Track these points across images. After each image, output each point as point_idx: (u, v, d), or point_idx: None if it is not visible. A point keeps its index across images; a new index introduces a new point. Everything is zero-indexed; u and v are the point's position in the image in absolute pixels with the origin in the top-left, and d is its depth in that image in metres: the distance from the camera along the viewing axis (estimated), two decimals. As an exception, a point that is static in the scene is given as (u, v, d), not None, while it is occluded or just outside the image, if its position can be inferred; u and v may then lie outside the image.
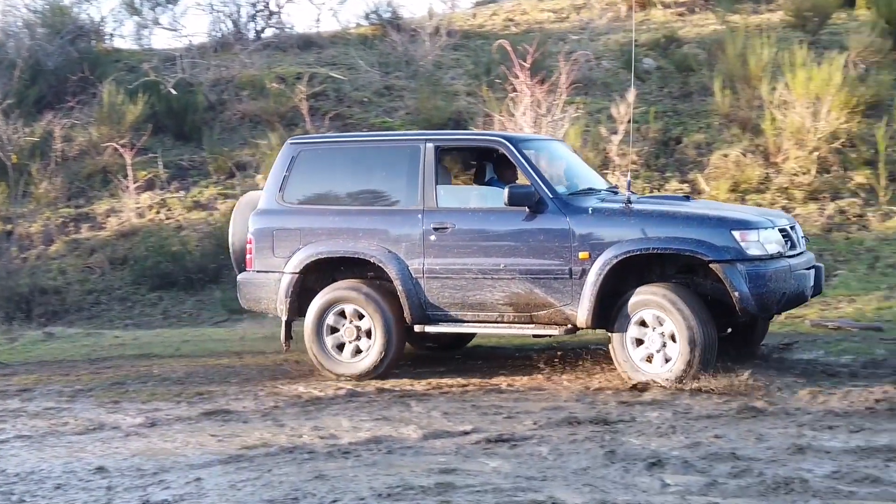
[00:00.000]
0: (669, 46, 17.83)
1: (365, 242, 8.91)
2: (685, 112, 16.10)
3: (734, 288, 7.88)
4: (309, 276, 9.16)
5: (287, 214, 9.27)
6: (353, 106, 17.50)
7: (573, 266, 8.30)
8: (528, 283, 8.44)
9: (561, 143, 10.49)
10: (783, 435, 6.66)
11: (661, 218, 8.25)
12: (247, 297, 9.49)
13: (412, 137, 9.51)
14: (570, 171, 9.37)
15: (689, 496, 5.47)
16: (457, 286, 8.66)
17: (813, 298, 8.98)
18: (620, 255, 8.15)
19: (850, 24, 17.51)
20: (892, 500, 5.23)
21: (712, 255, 7.97)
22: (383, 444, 6.77)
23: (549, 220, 8.42)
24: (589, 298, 8.22)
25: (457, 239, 8.68)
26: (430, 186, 8.82)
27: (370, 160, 9.33)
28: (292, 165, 9.36)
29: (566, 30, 19.50)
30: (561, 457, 6.35)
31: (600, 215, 8.37)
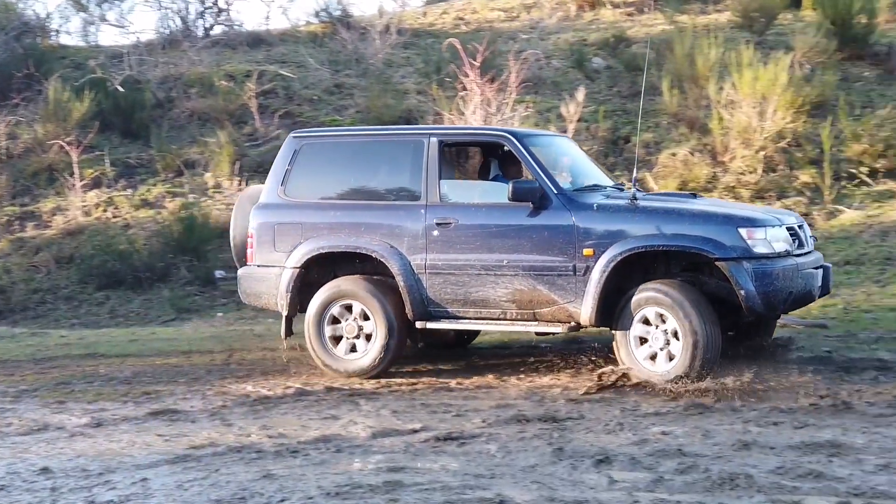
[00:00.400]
0: (618, 46, 17.94)
1: (367, 237, 8.81)
2: (634, 111, 16.20)
3: (740, 286, 7.76)
4: (310, 271, 9.03)
5: (289, 209, 9.15)
6: (302, 104, 17.43)
7: (577, 263, 8.18)
8: (531, 279, 8.32)
9: (567, 139, 10.34)
10: (729, 431, 6.72)
11: (667, 215, 8.13)
12: (247, 291, 9.38)
13: (416, 131, 9.49)
14: (575, 168, 9.24)
15: (635, 492, 5.50)
16: (459, 282, 8.54)
17: (820, 299, 8.80)
18: (625, 252, 8.03)
19: (795, 25, 17.72)
20: (834, 495, 5.30)
21: (718, 252, 7.85)
22: (332, 443, 6.75)
23: (554, 216, 8.30)
24: (593, 296, 8.09)
25: (460, 234, 8.56)
26: (434, 181, 8.70)
27: (373, 154, 9.23)
28: (294, 159, 9.24)
29: (516, 29, 19.56)
30: (509, 454, 6.37)
31: (605, 212, 8.25)
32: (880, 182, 13.82)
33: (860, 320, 10.26)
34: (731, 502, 5.26)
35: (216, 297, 13.54)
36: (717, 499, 5.33)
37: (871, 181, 13.81)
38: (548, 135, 10.33)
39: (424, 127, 10.93)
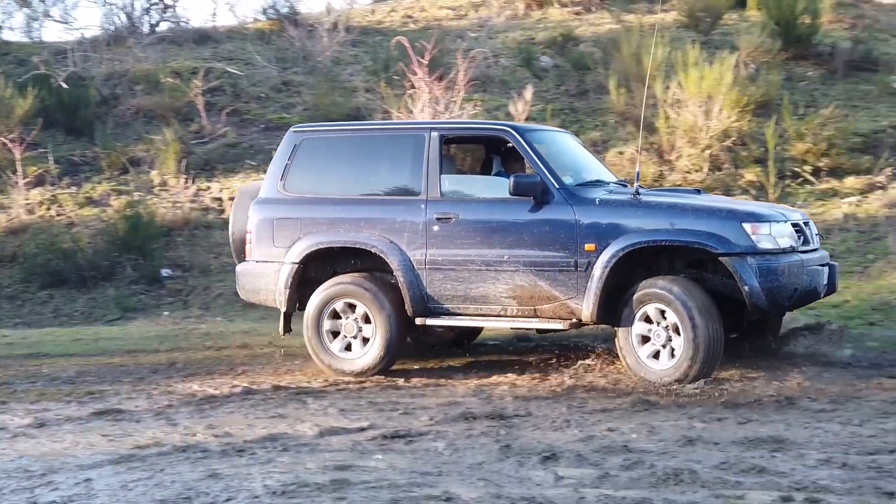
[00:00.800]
0: (566, 45, 18.01)
1: (366, 232, 8.72)
2: (581, 110, 16.29)
3: (744, 282, 7.67)
4: (309, 266, 8.95)
5: (288, 204, 9.07)
6: (250, 101, 17.34)
7: (579, 258, 8.09)
8: (532, 275, 8.22)
9: (570, 134, 10.22)
10: (674, 427, 6.78)
11: (670, 210, 8.04)
12: (245, 287, 9.29)
13: (417, 126, 9.48)
14: (577, 163, 9.17)
15: (581, 489, 5.52)
16: (459, 278, 8.45)
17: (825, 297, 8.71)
18: (627, 247, 7.93)
19: (741, 25, 17.90)
20: (776, 489, 5.36)
21: (722, 248, 7.75)
22: (279, 442, 6.72)
23: (555, 211, 8.21)
24: (594, 292, 7.99)
25: (460, 229, 8.47)
26: (434, 175, 8.61)
27: (374, 149, 9.13)
28: (294, 154, 9.15)
29: (464, 27, 19.58)
30: (456, 452, 6.37)
31: (607, 207, 8.15)
32: (823, 181, 13.98)
33: (804, 317, 10.38)
34: (675, 497, 5.30)
35: (162, 296, 13.43)
36: (662, 494, 5.37)
37: (814, 180, 13.97)
38: (550, 130, 10.22)
39: (425, 122, 10.79)
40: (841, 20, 18.48)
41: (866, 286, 11.30)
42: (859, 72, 16.63)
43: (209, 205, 14.87)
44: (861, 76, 16.55)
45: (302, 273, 8.92)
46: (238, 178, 15.30)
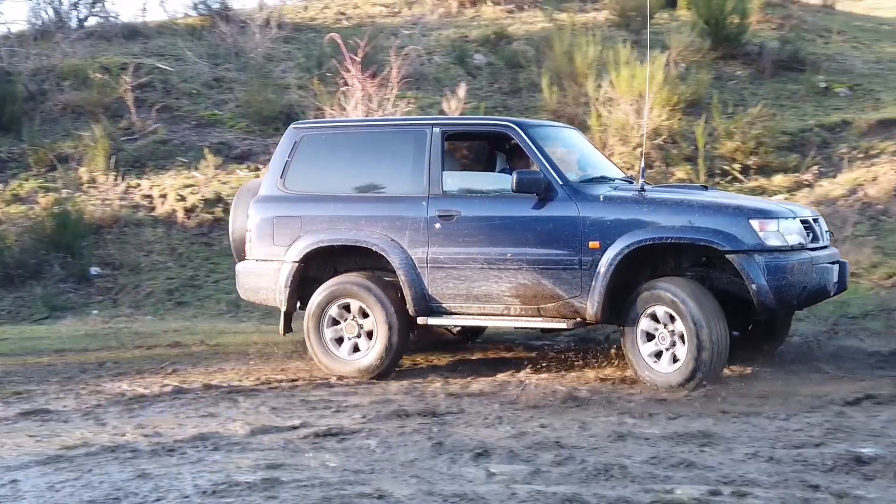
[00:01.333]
0: (499, 43, 18.06)
1: (367, 230, 8.58)
2: (515, 108, 16.34)
3: (751, 280, 7.50)
4: (310, 265, 8.82)
5: (288, 201, 8.93)
6: (181, 98, 17.14)
7: (583, 256, 7.93)
8: (535, 273, 8.08)
9: (574, 130, 10.03)
10: (605, 423, 6.84)
11: (676, 206, 7.87)
12: (245, 286, 9.14)
13: (418, 122, 9.34)
14: (582, 159, 9.03)
15: (513, 485, 5.55)
16: (462, 276, 8.30)
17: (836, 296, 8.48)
18: (632, 245, 7.77)
19: (671, 25, 18.07)
20: (704, 483, 5.42)
21: (728, 245, 7.58)
22: (209, 441, 6.66)
23: (559, 208, 8.06)
24: (599, 291, 7.83)
25: (462, 227, 8.33)
26: (436, 172, 8.47)
27: (375, 145, 8.98)
28: (294, 151, 9.01)
29: (398, 24, 19.55)
30: (389, 449, 6.37)
31: (612, 203, 7.98)
32: (752, 179, 14.16)
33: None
34: (605, 492, 5.34)
35: (91, 295, 13.24)
36: (592, 489, 5.41)
37: (743, 178, 14.14)
38: (554, 125, 10.11)
39: (427, 117, 10.54)
40: (769, 20, 18.75)
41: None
42: (787, 71, 16.88)
43: (139, 202, 14.68)
44: (788, 76, 16.80)
45: (302, 272, 8.78)
46: (169, 174, 15.13)
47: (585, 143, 9.68)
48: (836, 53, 17.75)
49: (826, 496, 5.14)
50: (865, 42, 18.69)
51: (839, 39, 18.47)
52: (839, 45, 18.26)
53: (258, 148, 15.69)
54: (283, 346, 9.95)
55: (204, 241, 13.98)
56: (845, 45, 18.31)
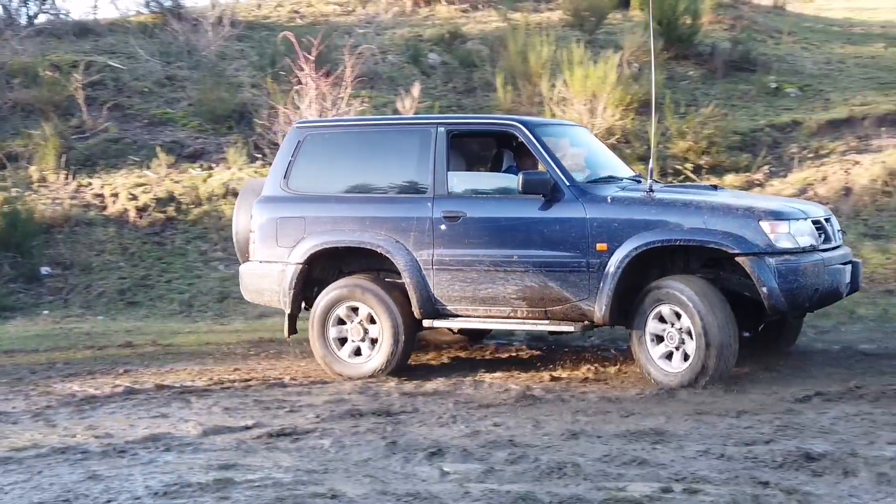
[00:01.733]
0: (454, 42, 18.08)
1: (372, 232, 8.45)
2: (469, 107, 16.35)
3: (762, 283, 7.38)
4: (314, 266, 8.69)
5: (291, 202, 8.77)
6: (132, 96, 16.99)
7: (590, 258, 7.80)
8: (542, 275, 7.95)
9: (583, 129, 9.88)
10: (559, 421, 6.86)
11: (685, 208, 7.72)
12: (249, 288, 8.99)
13: (423, 121, 9.22)
14: (591, 159, 8.86)
15: (467, 483, 5.56)
16: (468, 278, 8.17)
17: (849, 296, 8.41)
18: (640, 247, 7.64)
19: (625, 25, 18.18)
20: (656, 480, 5.46)
21: (738, 247, 7.46)
22: (161, 442, 6.61)
23: (566, 209, 7.92)
24: (607, 293, 7.71)
25: (468, 228, 8.20)
26: (441, 173, 8.34)
27: (379, 145, 8.83)
28: (297, 151, 8.85)
29: (352, 23, 19.50)
30: (343, 449, 6.36)
31: (619, 204, 7.85)
32: (704, 178, 14.24)
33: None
34: (558, 490, 5.36)
35: (42, 295, 13.09)
36: (546, 487, 5.43)
37: (695, 177, 14.24)
38: (562, 124, 9.95)
39: (432, 116, 10.33)
40: (721, 21, 18.90)
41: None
42: (738, 72, 17.03)
43: (90, 201, 14.53)
44: (740, 76, 16.95)
45: (307, 273, 8.67)
46: (121, 173, 14.99)
47: (594, 142, 9.53)
48: (787, 54, 17.94)
49: (776, 492, 5.19)
50: (815, 43, 18.89)
51: (789, 40, 18.66)
52: (789, 45, 18.45)
53: (211, 147, 15.59)
54: (237, 346, 9.91)
55: (156, 240, 13.88)
56: (795, 45, 18.50)
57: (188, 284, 12.96)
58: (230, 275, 13.09)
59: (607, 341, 9.54)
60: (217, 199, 14.33)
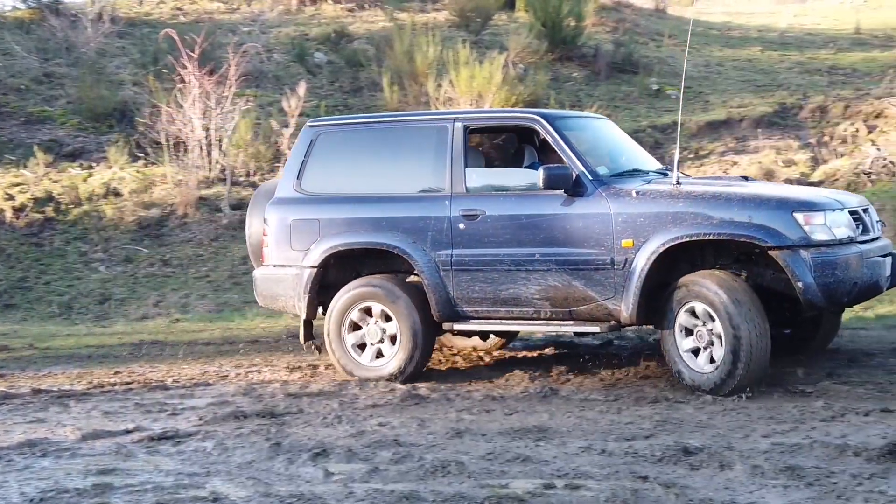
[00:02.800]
0: (340, 41, 18.02)
1: (388, 232, 8.08)
2: (356, 106, 16.33)
3: (797, 278, 6.94)
4: (330, 270, 8.33)
5: (305, 203, 8.42)
6: (8, 93, 16.57)
7: (615, 255, 7.39)
8: (565, 274, 7.56)
9: (606, 120, 9.36)
10: (444, 420, 6.88)
11: (714, 200, 7.26)
12: (263, 294, 8.59)
13: (439, 117, 8.73)
14: (615, 151, 8.45)
15: (351, 484, 5.54)
16: (488, 279, 7.79)
17: (888, 290, 7.85)
18: (667, 242, 7.21)
19: (510, 26, 18.36)
20: (539, 477, 5.51)
21: (771, 240, 6.99)
22: (38, 447, 6.44)
23: (589, 205, 7.52)
24: (633, 291, 7.31)
25: (487, 226, 7.81)
26: (459, 169, 7.96)
27: (394, 142, 8.47)
28: (310, 150, 8.50)
29: (236, 21, 19.32)
30: (226, 451, 6.28)
31: (645, 198, 7.40)
32: (587, 178, 14.47)
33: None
34: (442, 489, 5.38)
35: (-87, 298, 12.68)
36: (430, 486, 5.44)
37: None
38: (584, 116, 9.50)
39: (449, 112, 9.86)
40: (604, 23, 19.24)
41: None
42: (621, 73, 17.36)
43: (-35, 201, 14.13)
44: (623, 78, 17.27)
45: (322, 276, 8.32)
46: (-4, 173, 14.61)
47: (618, 134, 9.08)
48: (668, 56, 18.33)
49: (654, 486, 5.28)
50: (695, 46, 19.33)
51: (670, 43, 19.07)
52: (670, 48, 18.85)
53: (91, 145, 15.29)
54: (119, 349, 9.72)
55: (34, 241, 13.54)
56: (676, 48, 18.91)
57: (68, 286, 12.68)
58: (111, 276, 12.86)
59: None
60: (98, 199, 14.06)
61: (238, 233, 13.36)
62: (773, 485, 5.27)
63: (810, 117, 15.31)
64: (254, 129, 14.59)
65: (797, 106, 15.69)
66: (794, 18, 23.14)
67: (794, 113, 15.57)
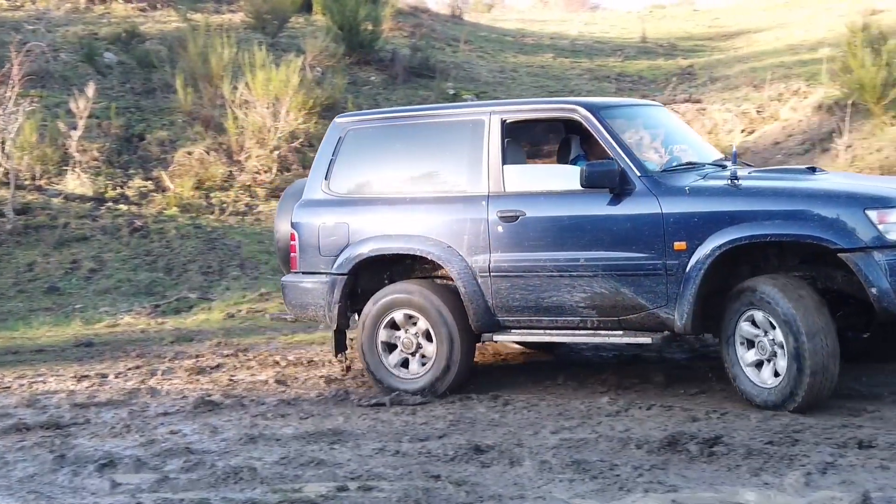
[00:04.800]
0: (131, 42, 17.54)
1: (422, 237, 7.48)
2: (148, 109, 15.93)
3: (870, 283, 6.23)
4: (361, 276, 7.76)
5: (333, 206, 7.83)
6: None
7: (667, 259, 6.74)
8: (613, 280, 6.91)
9: (660, 108, 8.51)
10: (238, 426, 6.79)
11: (775, 197, 6.62)
12: (292, 303, 7.99)
13: (475, 109, 7.82)
14: (669, 142, 7.70)
15: (139, 494, 5.40)
16: (529, 286, 7.16)
17: None
18: (724, 245, 6.54)
19: (307, 29, 18.27)
20: (333, 480, 5.50)
21: (841, 241, 6.27)
22: None
23: (637, 204, 6.85)
24: (688, 298, 6.65)
25: (528, 229, 7.18)
26: (497, 167, 7.32)
27: (427, 138, 7.83)
28: (339, 148, 7.90)
29: (20, 19, 18.53)
30: (6, 465, 6.04)
31: (699, 196, 6.76)
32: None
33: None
34: (234, 496, 5.31)
35: None
36: (221, 493, 5.36)
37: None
38: (633, 104, 8.75)
39: (485, 103, 8.97)
40: (401, 28, 19.39)
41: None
42: (418, 78, 17.51)
43: None
44: (420, 82, 17.43)
45: (353, 284, 7.76)
46: None
47: (673, 122, 8.33)
48: (464, 62, 18.62)
49: (446, 485, 5.35)
50: (490, 52, 19.72)
51: (466, 48, 19.38)
52: (466, 53, 19.16)
53: None
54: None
55: None
56: (472, 53, 19.24)
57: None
58: None
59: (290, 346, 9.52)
60: None
61: (23, 238, 12.86)
62: (560, 479, 5.42)
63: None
64: (39, 130, 14.04)
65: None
66: (584, 27, 23.87)
67: (585, 118, 16.04)
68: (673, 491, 5.16)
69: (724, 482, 5.28)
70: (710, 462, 5.59)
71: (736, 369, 6.65)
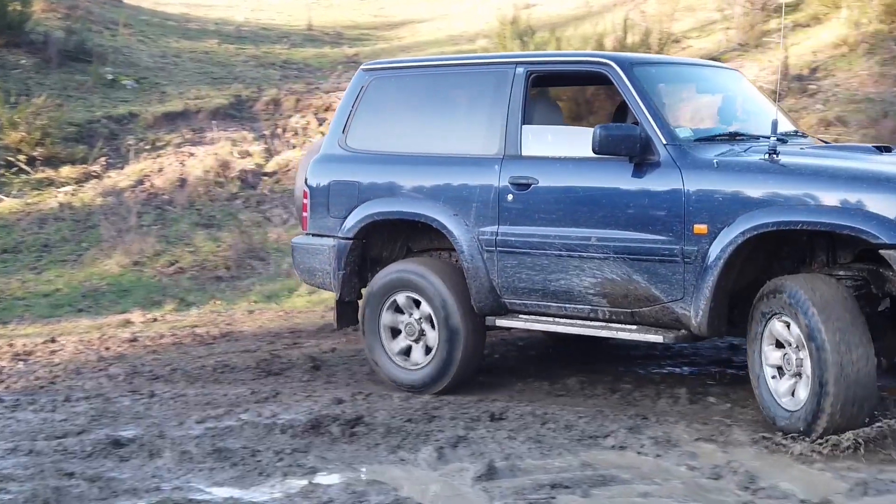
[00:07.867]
0: None
1: (429, 201, 6.61)
2: None
3: None
4: (372, 242, 6.94)
5: (346, 163, 7.02)
6: None
7: (685, 244, 5.71)
8: (625, 265, 5.91)
9: (734, 71, 7.37)
10: None
11: (816, 177, 5.49)
12: (300, 266, 7.20)
13: (500, 60, 6.83)
14: (729, 110, 6.75)
15: None
16: (536, 265, 6.23)
17: None
18: (747, 230, 5.49)
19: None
20: None
21: (885, 235, 5.13)
22: None
23: (657, 177, 5.83)
24: (705, 293, 5.62)
25: (539, 199, 6.23)
26: (515, 127, 6.40)
27: (448, 91, 6.96)
28: (359, 99, 7.06)
29: None
30: None
31: (727, 171, 5.68)
32: (39, 170, 13.86)
33: (13, 308, 10.29)
34: None
35: None
36: None
37: (29, 169, 13.82)
38: (681, 62, 7.75)
39: (511, 55, 7.61)
40: (55, 10, 18.50)
41: (78, 274, 11.44)
42: (74, 62, 16.78)
43: None
44: (76, 67, 16.70)
45: (362, 250, 6.94)
46: None
47: (745, 88, 7.10)
48: (124, 46, 18.03)
49: (79, 482, 5.17)
50: (152, 36, 19.20)
51: (126, 32, 18.77)
52: (126, 38, 18.56)
53: None
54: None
55: None
56: (132, 38, 18.65)
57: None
58: None
59: None
60: None
61: None
62: (200, 468, 5.38)
63: (265, 110, 15.72)
64: None
65: (252, 98, 16.05)
66: (251, 13, 23.63)
67: (250, 105, 15.91)
68: (311, 473, 5.24)
69: (362, 461, 5.42)
70: (352, 442, 5.73)
71: (758, 383, 5.63)
